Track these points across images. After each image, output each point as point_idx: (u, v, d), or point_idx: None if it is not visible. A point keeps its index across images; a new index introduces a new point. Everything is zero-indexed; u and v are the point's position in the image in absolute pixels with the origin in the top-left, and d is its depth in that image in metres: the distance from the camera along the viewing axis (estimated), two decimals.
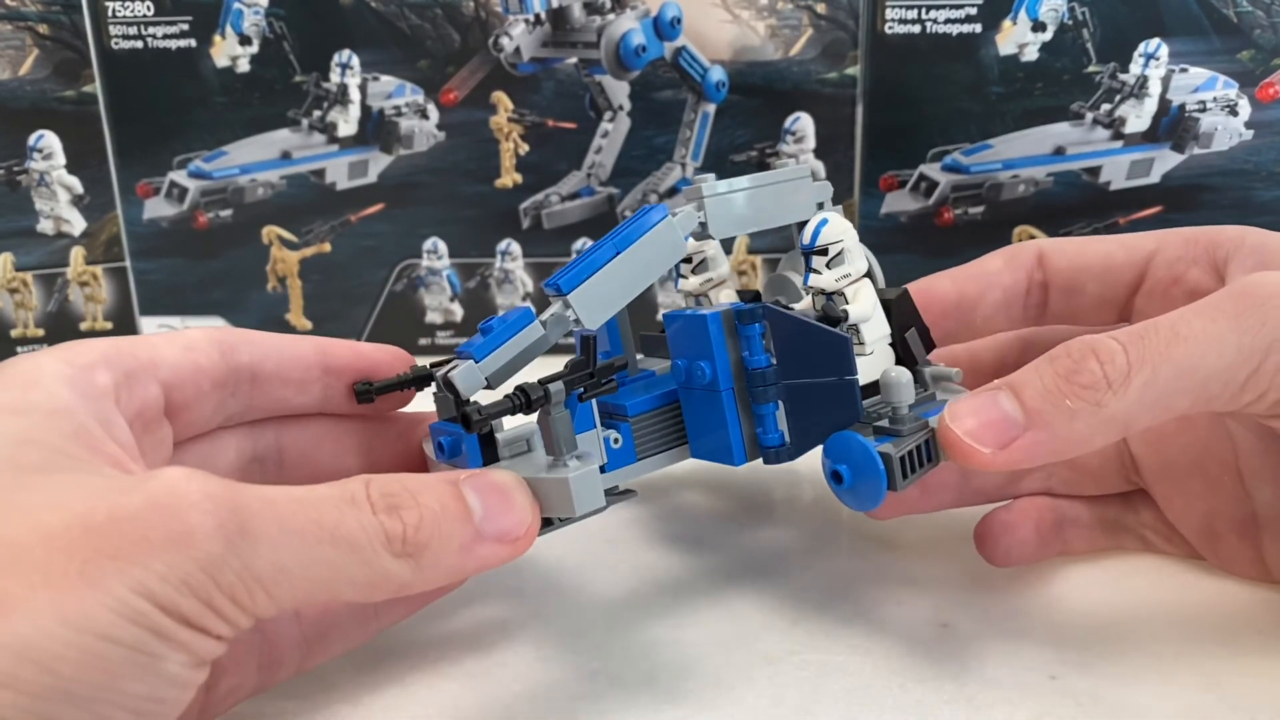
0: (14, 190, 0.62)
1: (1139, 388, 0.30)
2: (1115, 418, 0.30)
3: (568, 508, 0.30)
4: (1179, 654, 0.35)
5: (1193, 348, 0.31)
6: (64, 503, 0.24)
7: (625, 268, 0.34)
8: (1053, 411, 0.30)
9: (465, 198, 0.63)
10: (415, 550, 0.27)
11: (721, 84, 0.60)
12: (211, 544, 0.24)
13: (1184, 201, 0.58)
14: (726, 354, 0.35)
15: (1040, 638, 0.36)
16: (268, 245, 0.64)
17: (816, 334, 0.33)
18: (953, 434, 0.31)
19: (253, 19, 0.60)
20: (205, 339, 0.34)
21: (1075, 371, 0.31)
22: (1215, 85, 0.56)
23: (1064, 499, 0.41)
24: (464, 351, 0.33)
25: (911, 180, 0.59)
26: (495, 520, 0.29)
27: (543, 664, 0.36)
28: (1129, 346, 0.31)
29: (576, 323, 0.33)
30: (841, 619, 0.37)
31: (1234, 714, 0.33)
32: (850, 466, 0.32)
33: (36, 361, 0.29)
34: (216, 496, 0.25)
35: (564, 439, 0.31)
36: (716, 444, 0.36)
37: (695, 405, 0.36)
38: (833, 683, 0.34)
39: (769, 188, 0.38)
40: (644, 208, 0.36)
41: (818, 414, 0.33)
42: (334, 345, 0.36)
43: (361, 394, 0.36)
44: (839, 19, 0.59)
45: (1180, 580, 0.40)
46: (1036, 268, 0.40)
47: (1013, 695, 0.34)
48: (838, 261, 0.35)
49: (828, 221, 0.36)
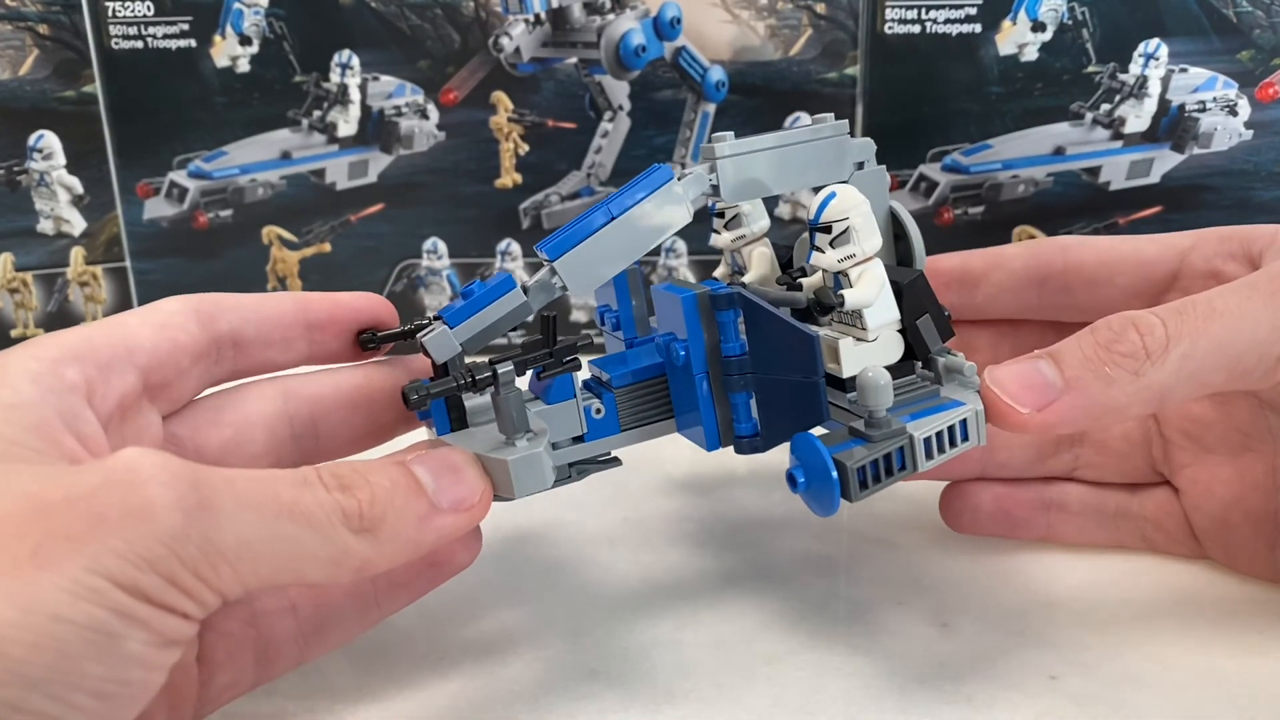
0: (14, 190, 0.62)
1: (1177, 359, 0.31)
2: (1152, 387, 0.31)
3: (508, 489, 0.30)
4: (1179, 654, 0.35)
5: (1228, 322, 0.32)
6: (17, 487, 0.24)
7: (618, 235, 0.33)
8: (1091, 377, 0.31)
9: (465, 198, 0.63)
10: (372, 525, 0.28)
11: (721, 84, 0.60)
12: (171, 517, 0.24)
13: (1184, 201, 0.58)
14: (702, 337, 0.34)
15: (1040, 638, 0.36)
16: (268, 245, 0.64)
17: (785, 330, 0.32)
18: (993, 394, 0.32)
19: (253, 19, 0.60)
20: (182, 311, 0.33)
21: (1115, 341, 0.32)
22: (1215, 85, 0.56)
23: (1058, 483, 0.42)
24: (438, 314, 0.33)
25: (911, 180, 0.59)
26: (448, 491, 0.29)
27: (543, 664, 0.36)
28: (1168, 320, 0.32)
29: (564, 289, 0.33)
30: (841, 619, 0.37)
31: (1234, 714, 0.33)
32: (805, 471, 0.30)
33: (3, 359, 0.29)
34: (175, 471, 0.25)
35: (513, 420, 0.31)
36: (694, 426, 0.35)
37: (678, 383, 0.35)
38: (833, 683, 0.34)
39: (796, 147, 0.36)
40: (652, 166, 0.34)
41: (786, 410, 0.33)
42: (312, 299, 0.36)
43: (366, 342, 0.36)
44: (839, 19, 0.59)
45: (1180, 580, 0.40)
46: (1058, 258, 0.41)
47: (1013, 695, 0.34)
48: (842, 240, 0.33)
49: (835, 196, 0.33)
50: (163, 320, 0.33)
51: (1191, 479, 0.40)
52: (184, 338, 0.33)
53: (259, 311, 0.35)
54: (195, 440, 0.34)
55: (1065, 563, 0.40)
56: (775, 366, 0.32)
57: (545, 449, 0.31)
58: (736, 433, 0.35)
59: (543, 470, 0.31)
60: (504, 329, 0.33)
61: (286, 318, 0.35)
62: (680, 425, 0.36)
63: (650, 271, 0.63)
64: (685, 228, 0.34)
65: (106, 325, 0.31)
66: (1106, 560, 0.41)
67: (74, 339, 0.30)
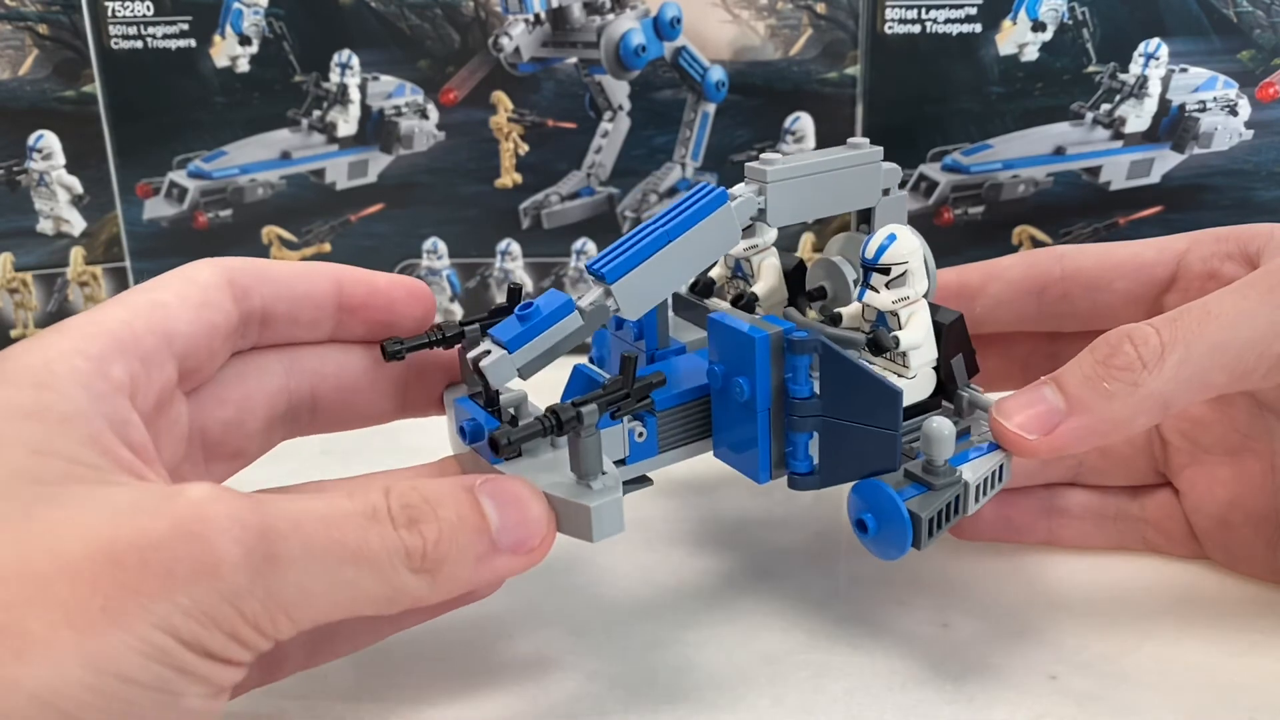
0: (14, 190, 0.62)
1: (1174, 365, 0.31)
2: (1152, 395, 0.32)
3: (585, 533, 0.30)
4: (1179, 654, 0.35)
5: (1225, 323, 0.32)
6: (86, 524, 0.24)
7: (674, 257, 0.32)
8: (1092, 395, 0.32)
9: (465, 198, 0.63)
10: (433, 565, 0.27)
11: (721, 84, 0.60)
12: (238, 575, 0.24)
13: (1184, 201, 0.58)
14: (769, 377, 0.33)
15: (1040, 638, 0.36)
16: (268, 245, 0.64)
17: (870, 382, 0.32)
18: (1001, 426, 0.32)
19: (252, 19, 0.60)
20: (218, 286, 0.31)
21: (1111, 355, 0.32)
22: (1215, 85, 0.56)
23: (1060, 488, 0.42)
24: (496, 337, 0.31)
25: (911, 180, 0.59)
26: (511, 531, 0.29)
27: (543, 664, 0.36)
28: (1162, 328, 0.32)
29: (617, 312, 0.32)
30: (841, 619, 0.37)
31: (1234, 714, 0.33)
32: (877, 518, 0.32)
33: (46, 355, 0.27)
34: (244, 521, 0.24)
35: (591, 462, 0.30)
36: (743, 457, 0.35)
37: (727, 412, 0.35)
38: (833, 683, 0.34)
39: (838, 172, 0.36)
40: (701, 187, 0.33)
41: (853, 454, 0.33)
42: (348, 281, 0.35)
43: (392, 354, 0.34)
44: (839, 19, 0.59)
45: (1180, 581, 0.40)
46: (1055, 266, 0.41)
47: (1013, 695, 0.34)
48: (899, 283, 0.34)
49: (896, 239, 0.34)
50: (200, 299, 0.31)
51: (1191, 480, 0.40)
52: (220, 319, 0.32)
53: (293, 288, 0.34)
54: (201, 420, 0.33)
55: (1066, 563, 0.40)
56: (849, 412, 0.33)
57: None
58: (792, 469, 0.34)
59: (621, 514, 0.30)
60: (560, 353, 0.32)
61: (319, 297, 0.34)
62: (719, 449, 0.36)
63: None
64: None
65: (147, 307, 0.30)
66: (1107, 561, 0.41)
67: (115, 327, 0.29)
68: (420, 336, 0.35)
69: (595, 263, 0.32)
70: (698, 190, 0.33)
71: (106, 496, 0.25)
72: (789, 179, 0.35)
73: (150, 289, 0.31)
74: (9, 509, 0.24)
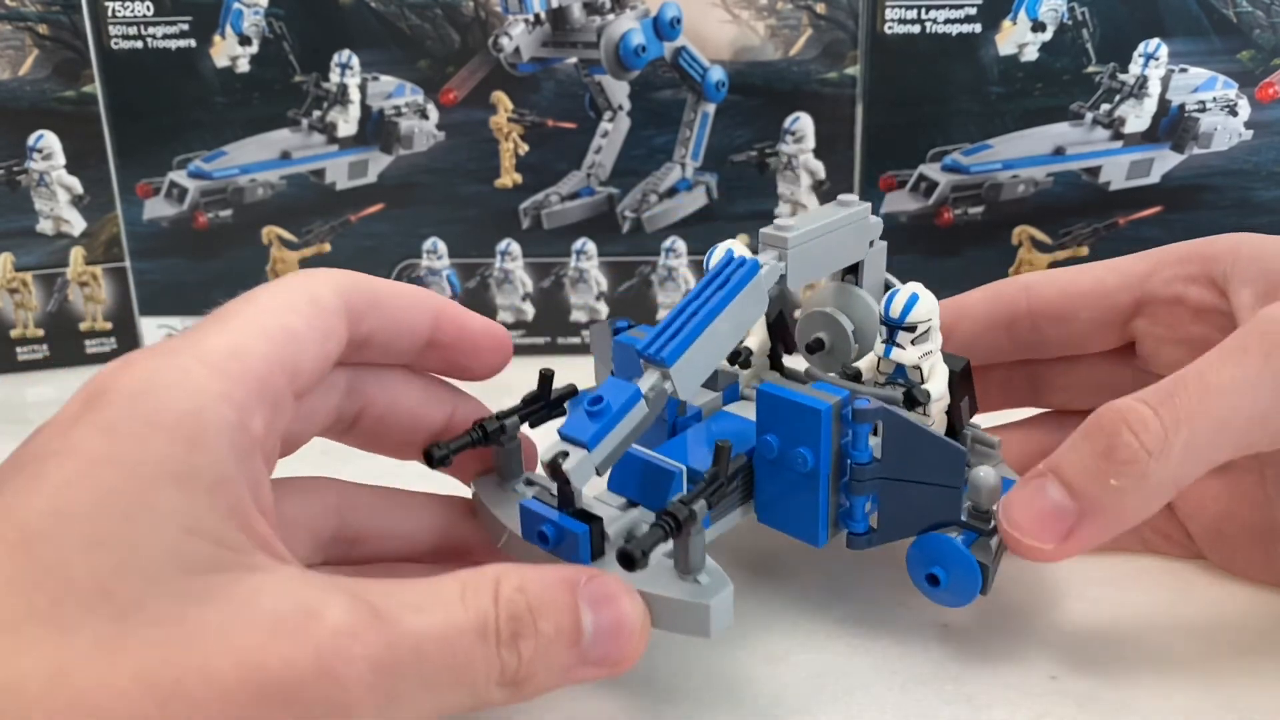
0: (14, 190, 0.62)
1: (1180, 449, 0.30)
2: (1163, 484, 0.30)
3: (700, 629, 0.30)
4: (1179, 654, 0.35)
5: (1227, 399, 0.30)
6: (236, 645, 0.23)
7: (718, 334, 0.33)
8: (1100, 493, 0.31)
9: (465, 198, 0.63)
10: (522, 680, 0.27)
11: (721, 84, 0.60)
12: (365, 716, 0.24)
13: (1184, 202, 0.58)
14: (831, 445, 0.34)
15: (1040, 638, 0.36)
16: (268, 245, 0.64)
17: (935, 443, 0.34)
18: (1012, 537, 0.32)
19: (252, 19, 0.60)
20: (338, 312, 0.30)
21: (1112, 448, 0.30)
22: (1215, 85, 0.56)
23: None
24: (571, 436, 0.30)
25: (911, 180, 0.59)
26: (603, 645, 0.28)
27: None
28: (1160, 409, 0.30)
29: (673, 394, 0.32)
30: (841, 619, 0.37)
31: (1233, 714, 0.33)
32: (947, 570, 0.34)
33: (198, 401, 0.26)
34: (377, 659, 0.24)
35: (698, 558, 0.30)
36: (797, 522, 0.36)
37: (778, 481, 0.35)
38: (833, 683, 0.34)
39: (840, 231, 0.37)
40: (729, 259, 0.34)
41: (914, 510, 0.34)
42: (446, 316, 0.34)
43: (439, 460, 0.33)
44: (839, 19, 0.59)
45: (1180, 581, 0.40)
46: (1021, 298, 0.40)
47: (1013, 695, 0.34)
48: (923, 339, 0.36)
49: (919, 298, 0.36)
50: (325, 328, 0.30)
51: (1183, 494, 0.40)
52: (335, 350, 0.31)
53: (398, 319, 0.33)
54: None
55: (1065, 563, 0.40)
56: (912, 472, 0.34)
57: None
58: (851, 530, 0.36)
59: (731, 607, 0.30)
60: (630, 444, 0.31)
61: (418, 330, 0.34)
62: (765, 515, 0.37)
63: (650, 270, 0.63)
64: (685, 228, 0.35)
65: (282, 338, 0.28)
66: (1107, 560, 0.41)
67: (258, 366, 0.27)
68: (462, 437, 0.34)
69: (649, 347, 0.32)
70: (729, 263, 0.34)
71: (252, 600, 0.24)
72: (807, 242, 0.36)
73: (281, 310, 0.29)
74: (162, 609, 0.23)
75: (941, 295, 0.38)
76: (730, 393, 0.41)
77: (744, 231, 0.62)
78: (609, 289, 0.64)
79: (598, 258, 0.63)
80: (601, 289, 0.64)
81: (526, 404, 0.36)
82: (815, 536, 0.35)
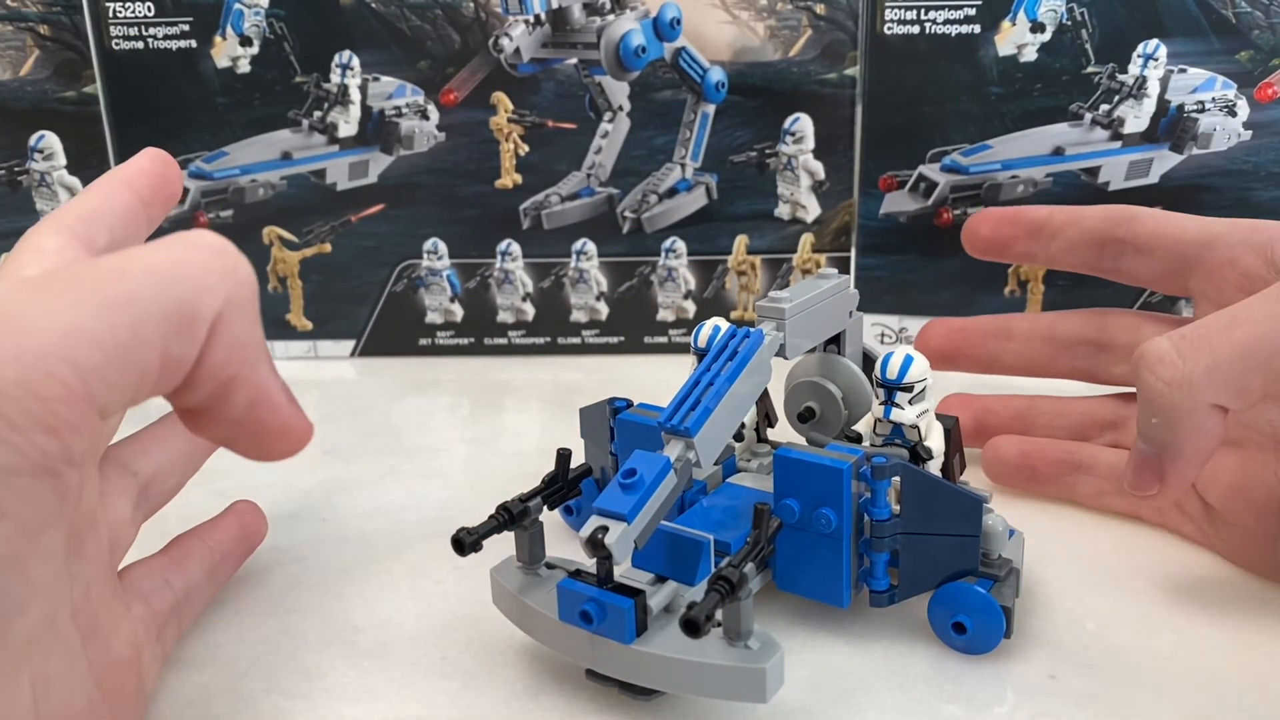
0: (15, 191, 0.62)
1: (1203, 373, 0.32)
2: (1195, 409, 0.33)
3: (756, 695, 0.30)
4: (1179, 653, 0.36)
5: (1255, 327, 0.32)
6: None
7: (732, 403, 0.34)
8: (1153, 433, 0.34)
9: (465, 198, 0.63)
10: None
11: (721, 84, 0.60)
12: None
13: (1183, 202, 0.58)
14: (852, 503, 0.35)
15: (1040, 638, 0.36)
16: (268, 246, 0.64)
17: (955, 495, 0.35)
18: (1133, 496, 0.36)
19: (253, 20, 0.60)
20: None
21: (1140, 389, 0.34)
22: (1214, 86, 0.56)
23: (1091, 445, 0.44)
24: (609, 510, 0.30)
25: (910, 181, 0.60)
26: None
27: (543, 663, 0.36)
28: (1180, 342, 0.33)
29: (696, 464, 0.32)
30: (841, 619, 0.38)
31: (1233, 714, 0.33)
32: (972, 618, 0.35)
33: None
34: None
35: (748, 621, 0.30)
36: (821, 584, 0.36)
37: (798, 544, 0.36)
38: (833, 682, 0.35)
39: (827, 302, 0.39)
40: (732, 331, 0.36)
41: (933, 562, 0.35)
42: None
43: (469, 547, 0.34)
44: (838, 20, 0.59)
45: (1181, 579, 0.40)
46: (1124, 226, 0.44)
47: (1013, 695, 0.34)
48: (919, 398, 0.37)
49: (914, 360, 0.37)
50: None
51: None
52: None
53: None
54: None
55: (1066, 562, 0.41)
56: (931, 524, 0.35)
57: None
58: (873, 588, 0.36)
59: (783, 670, 0.31)
60: (664, 514, 0.32)
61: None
62: (784, 581, 0.37)
63: (650, 270, 0.63)
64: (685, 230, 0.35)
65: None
66: (1107, 560, 0.41)
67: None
68: (489, 522, 0.34)
69: (670, 419, 0.33)
70: (734, 335, 0.35)
71: None
72: (801, 313, 0.37)
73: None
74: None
75: (940, 295, 0.39)
76: (729, 465, 0.41)
77: (743, 232, 0.63)
78: (609, 289, 0.64)
79: (598, 258, 0.64)
80: (601, 289, 0.64)
81: (546, 485, 0.36)
82: (840, 597, 0.36)
